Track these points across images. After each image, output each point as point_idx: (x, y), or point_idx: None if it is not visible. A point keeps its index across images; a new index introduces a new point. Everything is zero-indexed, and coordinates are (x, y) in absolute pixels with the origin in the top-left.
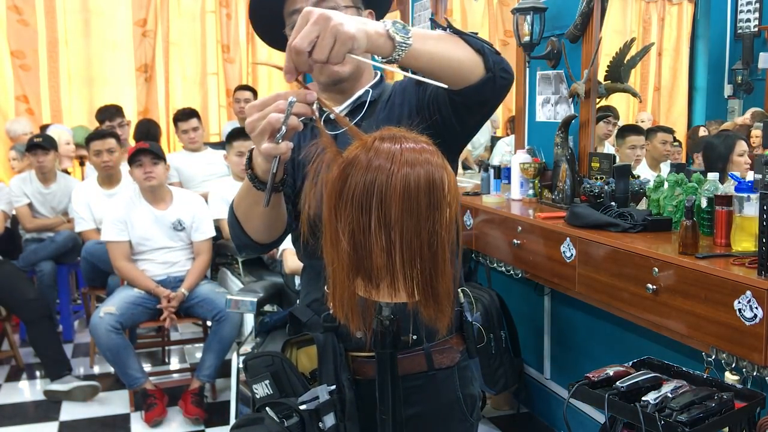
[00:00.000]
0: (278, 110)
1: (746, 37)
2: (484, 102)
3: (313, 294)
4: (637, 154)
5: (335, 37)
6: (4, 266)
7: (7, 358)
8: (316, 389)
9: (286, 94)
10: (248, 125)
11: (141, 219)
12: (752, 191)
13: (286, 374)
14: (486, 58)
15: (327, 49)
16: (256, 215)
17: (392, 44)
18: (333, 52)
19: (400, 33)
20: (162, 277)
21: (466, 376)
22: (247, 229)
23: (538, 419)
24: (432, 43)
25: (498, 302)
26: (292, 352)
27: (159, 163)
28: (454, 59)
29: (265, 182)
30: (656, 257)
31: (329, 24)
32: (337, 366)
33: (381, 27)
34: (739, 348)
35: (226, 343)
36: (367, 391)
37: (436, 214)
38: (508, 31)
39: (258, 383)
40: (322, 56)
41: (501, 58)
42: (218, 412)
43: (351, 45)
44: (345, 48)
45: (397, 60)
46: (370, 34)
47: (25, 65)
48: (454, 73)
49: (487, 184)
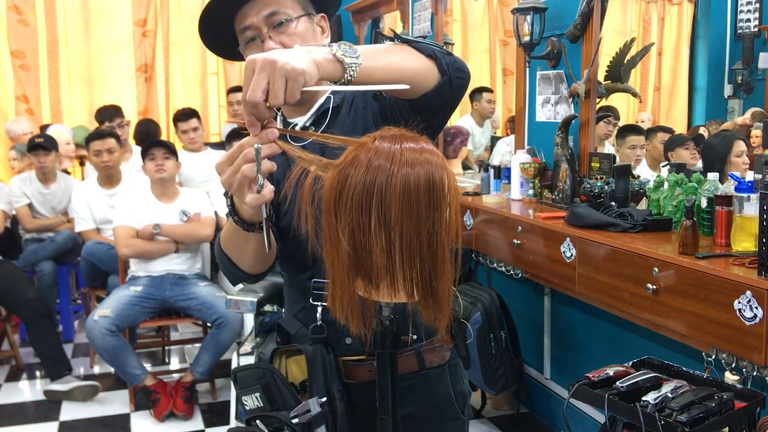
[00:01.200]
0: (248, 160)
1: (746, 37)
2: (444, 103)
3: (300, 304)
4: (637, 154)
5: (286, 78)
6: (4, 266)
7: (7, 358)
8: (308, 402)
9: (249, 141)
10: (224, 182)
11: (150, 211)
12: (752, 191)
13: (276, 387)
14: (439, 62)
15: (281, 92)
16: (248, 252)
17: (342, 67)
18: (288, 93)
19: (347, 54)
20: (161, 273)
21: (457, 374)
22: (241, 266)
23: (538, 419)
24: (382, 57)
25: (498, 302)
26: (282, 361)
27: (171, 158)
28: (406, 70)
29: (252, 224)
30: (656, 257)
31: (276, 66)
32: (327, 377)
33: (327, 52)
34: (739, 348)
35: (223, 346)
36: (359, 395)
37: (435, 214)
38: (508, 31)
39: (248, 395)
40: (278, 100)
41: (453, 59)
42: (218, 413)
43: (303, 80)
44: (298, 85)
45: (350, 81)
46: (318, 62)
47: (25, 65)
48: (410, 83)
49: (487, 184)
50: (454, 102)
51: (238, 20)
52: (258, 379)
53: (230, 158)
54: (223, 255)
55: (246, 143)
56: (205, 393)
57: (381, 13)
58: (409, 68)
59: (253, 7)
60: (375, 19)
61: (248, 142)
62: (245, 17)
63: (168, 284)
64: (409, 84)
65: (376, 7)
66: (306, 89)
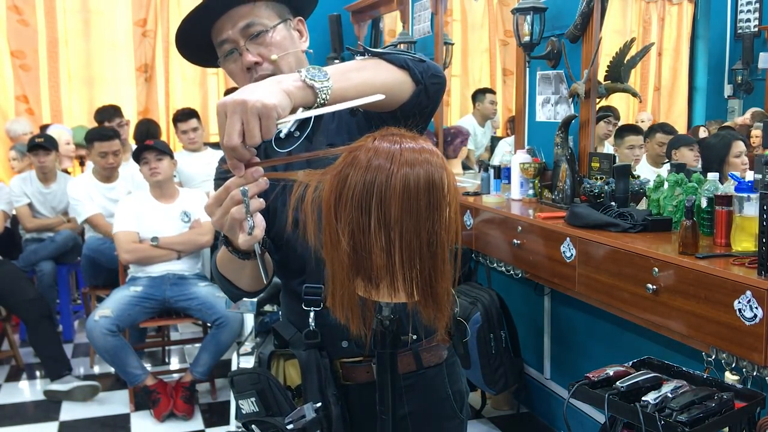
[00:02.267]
0: (236, 202)
1: (746, 37)
2: (423, 109)
3: (294, 308)
4: (635, 154)
5: (259, 116)
6: (4, 266)
7: (7, 358)
8: (303, 408)
9: (235, 182)
10: (215, 224)
11: (151, 214)
12: (752, 191)
13: (272, 392)
14: (412, 71)
15: (257, 131)
16: (245, 276)
17: (314, 92)
18: (263, 131)
19: (317, 79)
20: (161, 273)
21: (455, 373)
22: (240, 286)
23: (538, 419)
24: (354, 75)
25: (498, 302)
26: (280, 364)
27: (163, 158)
28: (380, 84)
29: (247, 252)
30: (656, 257)
31: (247, 107)
32: (322, 381)
33: (297, 79)
34: (739, 348)
35: (223, 346)
36: (357, 396)
37: (435, 214)
38: (508, 31)
39: (244, 399)
40: (255, 140)
41: (426, 65)
42: (218, 413)
43: (276, 114)
44: (272, 121)
45: (325, 104)
46: (289, 91)
47: (25, 65)
48: (385, 96)
49: (487, 184)
50: (433, 106)
51: (214, 33)
52: (253, 384)
53: (218, 200)
54: (220, 275)
55: (232, 185)
56: (205, 393)
57: (381, 13)
58: (382, 82)
59: (229, 20)
60: (375, 19)
61: (234, 183)
62: (221, 30)
63: (168, 284)
64: (385, 97)
65: (376, 7)
66: (281, 122)
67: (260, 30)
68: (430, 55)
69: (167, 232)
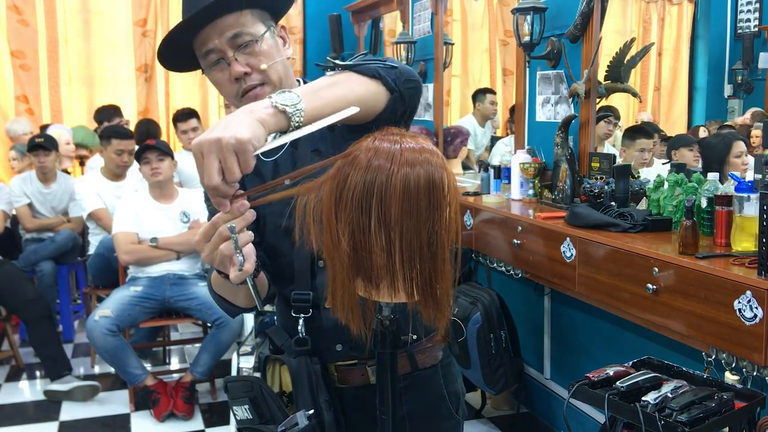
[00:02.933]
0: (224, 239)
1: (746, 37)
2: (402, 114)
3: (286, 314)
4: (644, 157)
5: (235, 152)
6: (4, 266)
7: (7, 358)
8: (295, 415)
9: (222, 218)
10: (205, 259)
11: (150, 214)
12: (752, 191)
13: (264, 400)
14: (384, 80)
15: (235, 168)
16: (241, 296)
17: (286, 115)
18: (242, 166)
19: (288, 103)
20: (161, 273)
21: (450, 373)
22: (237, 303)
23: (538, 419)
24: (325, 92)
25: (498, 302)
26: (275, 369)
27: (165, 159)
28: (353, 98)
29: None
30: (656, 257)
31: (222, 145)
32: (314, 388)
33: (268, 105)
34: (739, 348)
35: (223, 347)
36: (353, 399)
37: (435, 214)
38: (508, 31)
39: (238, 406)
40: (235, 176)
41: (399, 72)
42: (218, 413)
43: (252, 147)
44: (249, 155)
45: (300, 126)
46: (262, 119)
47: (25, 65)
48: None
49: (487, 184)
50: (412, 109)
51: (198, 43)
52: (246, 391)
53: (206, 236)
54: (216, 295)
55: (219, 221)
56: (205, 393)
57: (381, 13)
58: (356, 96)
59: (214, 30)
60: (375, 19)
61: (221, 219)
62: (206, 40)
63: (168, 284)
64: (360, 110)
65: (376, 7)
66: (258, 152)
67: (248, 40)
68: (430, 55)
69: (166, 232)
